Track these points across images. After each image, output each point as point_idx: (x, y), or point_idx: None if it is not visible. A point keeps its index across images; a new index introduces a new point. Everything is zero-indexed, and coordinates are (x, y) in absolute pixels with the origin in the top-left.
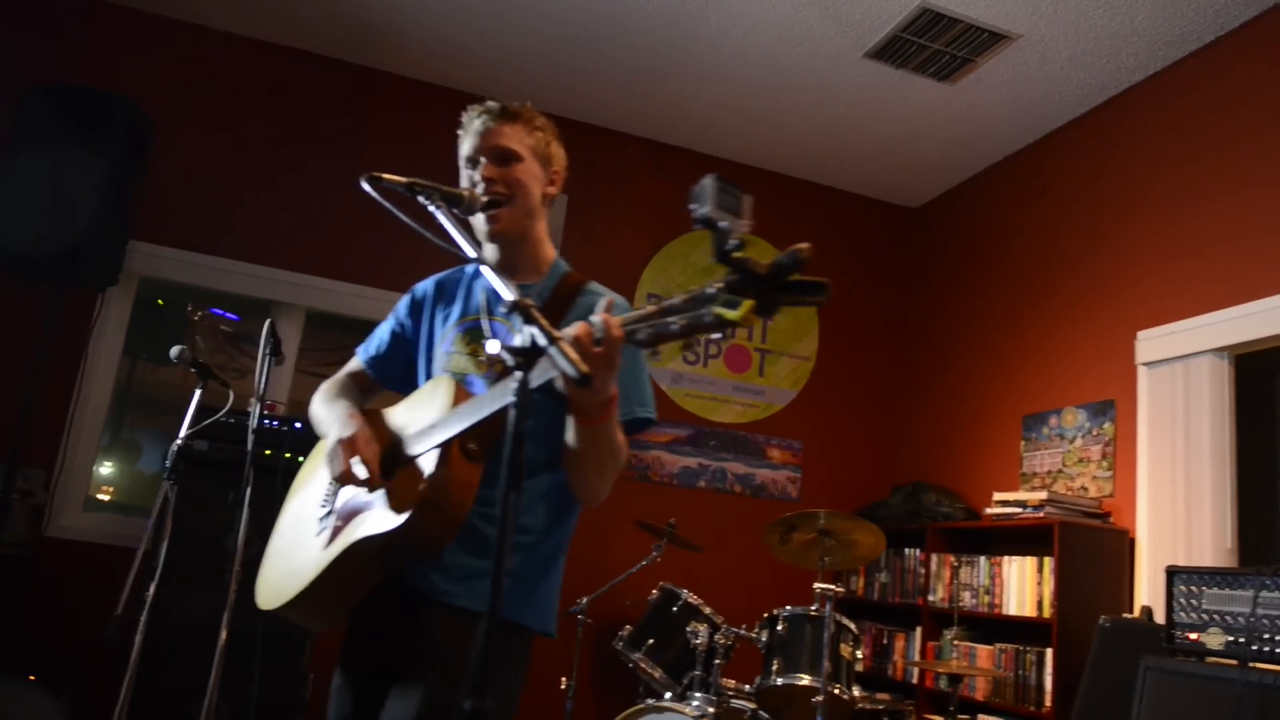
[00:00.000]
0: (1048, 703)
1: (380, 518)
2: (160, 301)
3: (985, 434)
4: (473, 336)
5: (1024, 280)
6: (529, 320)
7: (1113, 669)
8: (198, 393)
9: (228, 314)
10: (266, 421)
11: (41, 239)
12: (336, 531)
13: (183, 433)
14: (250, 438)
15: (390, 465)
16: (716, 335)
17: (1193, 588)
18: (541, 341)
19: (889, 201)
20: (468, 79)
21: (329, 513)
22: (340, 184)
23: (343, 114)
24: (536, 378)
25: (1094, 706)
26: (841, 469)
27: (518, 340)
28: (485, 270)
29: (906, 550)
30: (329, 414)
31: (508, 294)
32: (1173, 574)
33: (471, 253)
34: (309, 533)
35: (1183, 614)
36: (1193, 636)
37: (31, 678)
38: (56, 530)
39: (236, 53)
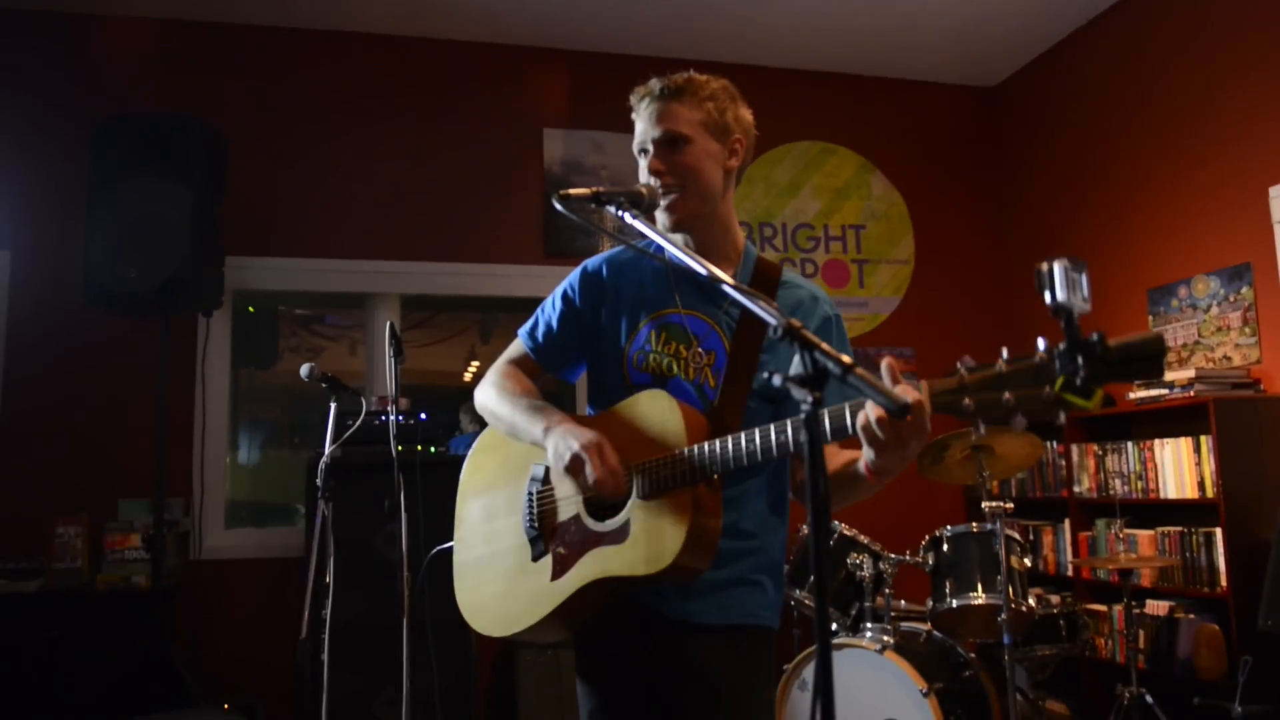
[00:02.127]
0: (1223, 583)
1: (630, 556)
2: (251, 309)
3: (1107, 313)
4: (671, 334)
5: (1129, 147)
6: (807, 346)
7: None
8: (334, 407)
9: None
10: (399, 418)
11: (142, 275)
12: (563, 561)
13: (328, 449)
14: (394, 444)
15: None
16: (811, 248)
17: None
18: (835, 370)
19: (963, 84)
20: (509, 29)
21: (540, 535)
22: (413, 162)
23: (404, 90)
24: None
25: None
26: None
27: (797, 368)
28: (726, 287)
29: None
30: (518, 414)
31: (770, 319)
32: None
33: (689, 262)
34: (520, 555)
35: None
36: None
37: (226, 706)
38: (206, 553)
39: (286, 46)
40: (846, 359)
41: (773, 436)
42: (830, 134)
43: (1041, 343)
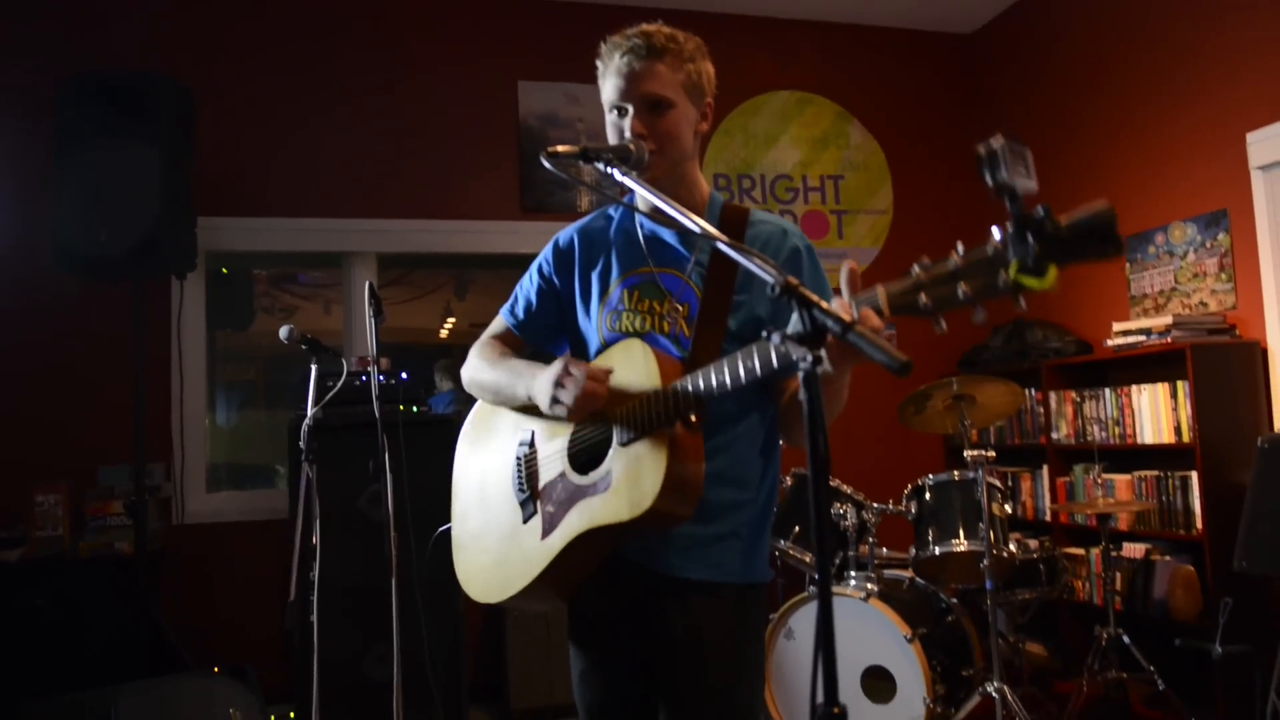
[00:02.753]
0: (1198, 525)
1: (613, 503)
2: (224, 270)
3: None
4: (644, 293)
5: (1107, 93)
6: (805, 304)
7: (1275, 487)
8: (314, 369)
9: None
10: (381, 378)
11: (113, 237)
12: (551, 519)
13: (309, 409)
14: (376, 404)
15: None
16: (790, 199)
17: None
18: (836, 328)
19: (941, 31)
20: None
21: (530, 495)
22: (386, 117)
23: (376, 44)
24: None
25: (1260, 525)
26: None
27: (795, 325)
28: (719, 243)
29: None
30: (506, 373)
31: (768, 277)
32: None
33: (686, 221)
34: (511, 519)
35: None
36: None
37: (216, 669)
38: (189, 517)
39: (255, 2)
40: (846, 316)
41: (739, 362)
42: (808, 83)
43: (996, 232)
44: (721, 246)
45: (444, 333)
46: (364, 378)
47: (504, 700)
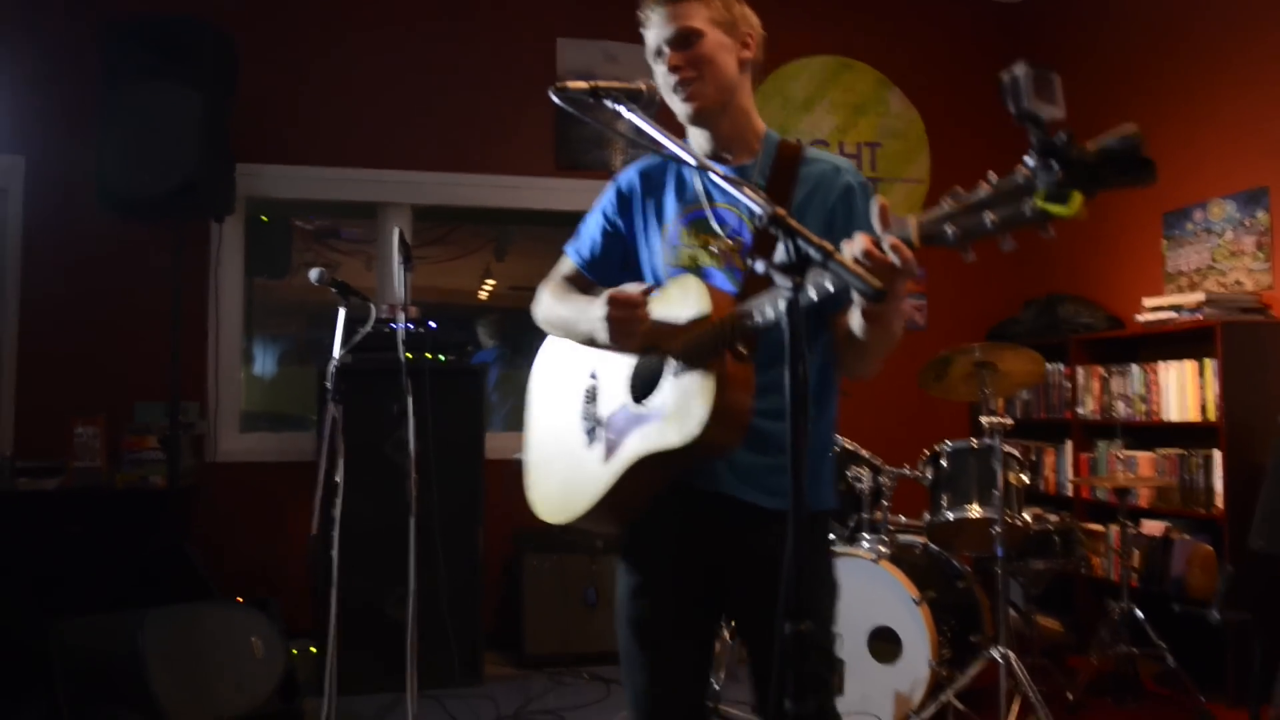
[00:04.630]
0: (1219, 504)
1: (666, 430)
2: (264, 218)
3: (1122, 237)
4: (699, 228)
5: (1150, 67)
6: (790, 234)
7: None
8: (342, 311)
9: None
10: (409, 326)
11: (154, 179)
12: (612, 445)
13: (337, 352)
14: (401, 347)
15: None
16: None
17: None
18: (816, 256)
19: None
20: None
21: (595, 423)
22: (425, 71)
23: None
24: (815, 289)
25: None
26: (968, 290)
27: (781, 255)
28: (710, 173)
29: (1048, 365)
30: (570, 309)
31: (757, 207)
32: None
33: (681, 152)
34: (577, 445)
35: None
36: None
37: (239, 599)
38: (221, 456)
39: None
40: (827, 245)
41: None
42: (848, 48)
43: (1027, 161)
44: (713, 176)
45: (483, 294)
46: (392, 325)
47: (519, 647)
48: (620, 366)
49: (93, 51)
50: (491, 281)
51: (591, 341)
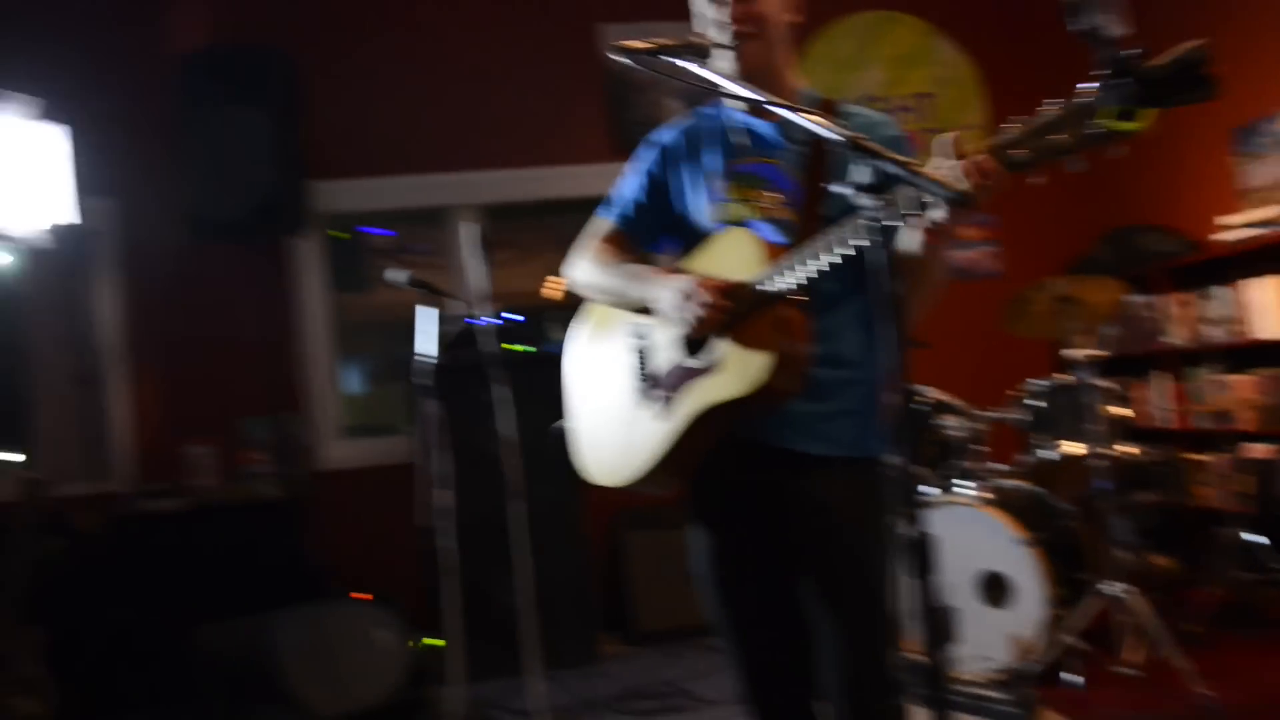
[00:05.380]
0: None
1: (727, 381)
2: (339, 235)
3: (1191, 159)
4: (743, 182)
5: None
6: (872, 154)
7: None
8: (428, 310)
9: (384, 231)
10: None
11: (235, 202)
12: (669, 402)
13: (428, 350)
14: (490, 340)
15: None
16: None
17: None
18: (898, 172)
19: None
20: None
21: (648, 384)
22: (476, 71)
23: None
24: (891, 215)
25: None
26: (1038, 232)
27: (857, 175)
28: (774, 108)
29: (1131, 298)
30: (623, 277)
31: (832, 135)
32: None
33: (747, 93)
34: (630, 407)
35: None
36: None
37: (369, 597)
38: (324, 464)
39: None
40: (909, 160)
41: (834, 236)
42: (891, 1)
43: (1095, 80)
44: (780, 109)
45: (554, 294)
46: (475, 320)
47: (631, 624)
48: (668, 323)
49: (168, 88)
50: (556, 279)
51: (643, 310)
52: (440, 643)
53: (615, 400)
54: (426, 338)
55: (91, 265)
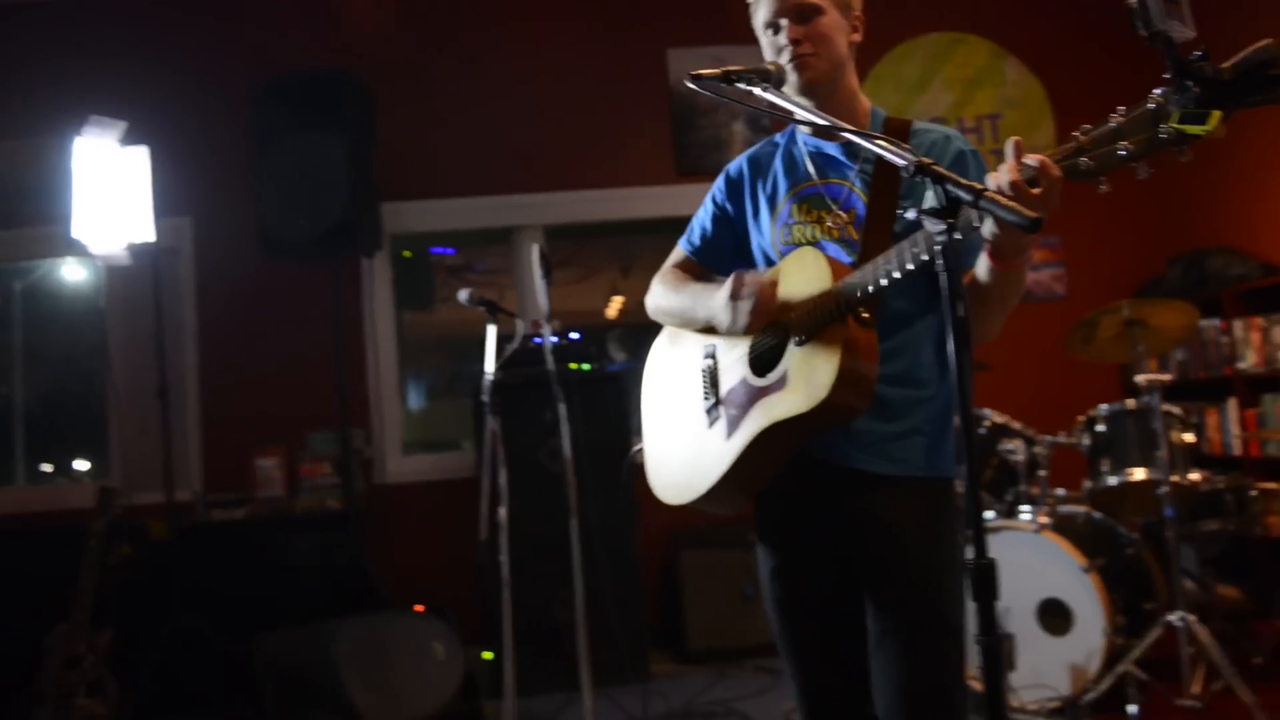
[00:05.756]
0: None
1: (791, 398)
2: (406, 253)
3: (1264, 179)
4: (811, 204)
5: None
6: (939, 179)
7: None
8: (491, 328)
9: (446, 250)
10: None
11: (309, 222)
12: (734, 420)
13: (490, 367)
14: (550, 358)
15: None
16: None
17: None
18: (967, 197)
19: None
20: None
21: (715, 403)
22: (544, 94)
23: (522, 27)
24: (962, 232)
25: None
26: (1107, 254)
27: (930, 200)
28: (843, 132)
29: (1202, 322)
30: (687, 297)
31: (899, 159)
32: None
33: (814, 118)
34: (698, 425)
35: None
36: None
37: (419, 608)
38: (388, 478)
39: None
40: (977, 185)
41: (902, 252)
42: (958, 23)
43: (1159, 91)
44: (848, 134)
45: (612, 312)
46: (538, 339)
47: (682, 643)
48: (738, 345)
49: (244, 113)
50: (619, 298)
51: (711, 329)
52: (490, 655)
53: (684, 420)
54: (489, 355)
55: (168, 282)
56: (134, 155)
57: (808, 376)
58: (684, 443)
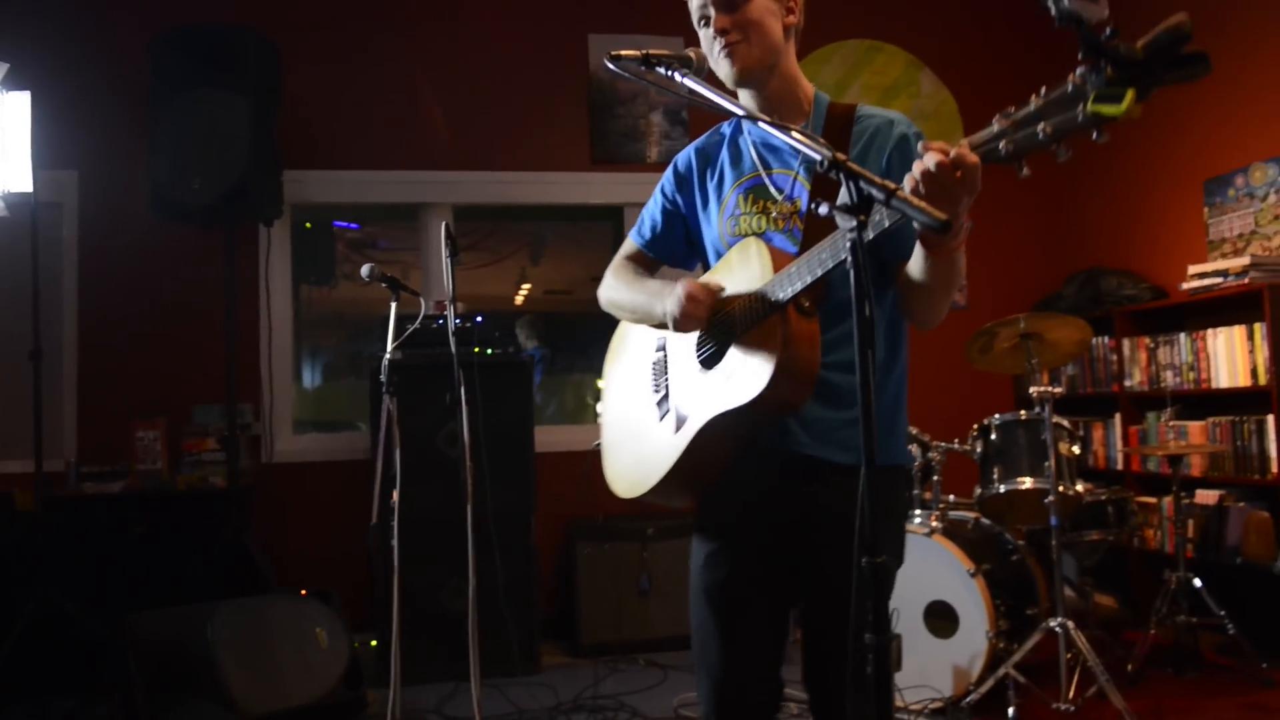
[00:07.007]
0: (1274, 469)
1: (731, 390)
2: (308, 224)
3: (1161, 207)
4: (757, 195)
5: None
6: (852, 176)
7: None
8: (393, 306)
9: (349, 225)
10: (457, 321)
11: (205, 185)
12: (681, 414)
13: (389, 347)
14: (453, 340)
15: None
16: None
17: None
18: (880, 196)
19: None
20: None
21: (664, 397)
22: (461, 72)
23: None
24: (874, 228)
25: None
26: (1007, 267)
27: (843, 197)
28: (762, 124)
29: (1093, 339)
30: (639, 292)
31: (814, 153)
32: None
33: (734, 107)
34: (649, 420)
35: None
36: None
37: (304, 591)
38: (277, 456)
39: None
40: (890, 184)
41: (839, 243)
42: (877, 30)
43: (1076, 72)
44: (764, 125)
45: (519, 299)
46: (441, 320)
47: (574, 636)
48: (688, 339)
49: (139, 64)
50: (527, 286)
51: (660, 325)
52: (373, 644)
53: (635, 413)
54: (389, 334)
55: (48, 239)
56: (14, 101)
57: (748, 367)
58: (636, 437)
